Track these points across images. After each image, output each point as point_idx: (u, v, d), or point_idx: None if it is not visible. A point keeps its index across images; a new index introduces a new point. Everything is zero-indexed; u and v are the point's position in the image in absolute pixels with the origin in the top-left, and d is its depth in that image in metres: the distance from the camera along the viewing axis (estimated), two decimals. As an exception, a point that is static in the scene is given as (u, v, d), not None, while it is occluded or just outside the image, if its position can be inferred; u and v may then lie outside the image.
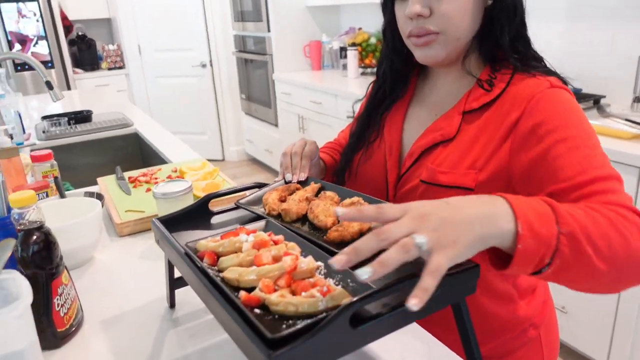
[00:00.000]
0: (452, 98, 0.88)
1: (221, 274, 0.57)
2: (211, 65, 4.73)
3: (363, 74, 3.58)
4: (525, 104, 0.76)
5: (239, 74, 4.61)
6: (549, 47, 2.50)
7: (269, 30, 3.87)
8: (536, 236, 0.55)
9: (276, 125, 4.07)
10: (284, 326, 0.48)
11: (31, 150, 1.94)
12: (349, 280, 0.56)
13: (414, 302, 0.47)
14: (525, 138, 0.76)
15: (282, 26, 3.83)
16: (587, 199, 0.67)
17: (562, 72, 0.85)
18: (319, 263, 0.58)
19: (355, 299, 0.49)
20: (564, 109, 0.75)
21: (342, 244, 0.65)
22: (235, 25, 4.43)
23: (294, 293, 0.51)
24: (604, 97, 2.21)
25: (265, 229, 0.70)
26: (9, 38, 4.18)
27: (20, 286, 0.52)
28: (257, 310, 0.51)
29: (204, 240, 0.65)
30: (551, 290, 0.99)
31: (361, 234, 0.66)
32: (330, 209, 0.74)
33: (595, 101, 2.19)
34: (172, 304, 0.85)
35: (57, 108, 2.77)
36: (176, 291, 0.85)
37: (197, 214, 0.81)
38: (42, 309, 0.74)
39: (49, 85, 1.64)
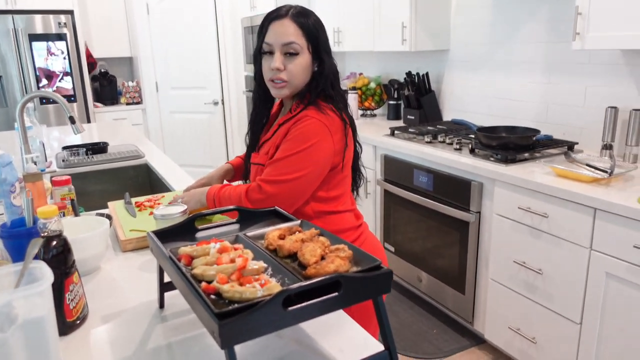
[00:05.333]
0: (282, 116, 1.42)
1: (191, 271, 0.75)
2: (223, 103, 5.01)
3: (363, 115, 3.81)
4: (294, 122, 1.30)
5: (249, 112, 4.88)
6: (531, 97, 2.72)
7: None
8: (209, 204, 1.37)
9: (281, 161, 4.29)
10: (230, 308, 0.66)
11: (51, 177, 2.17)
12: (286, 279, 0.75)
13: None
14: (284, 139, 1.30)
15: (289, 69, 4.10)
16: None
17: (543, 120, 1.22)
18: (265, 265, 0.76)
19: (285, 287, 0.67)
20: (299, 132, 1.27)
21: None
22: (247, 67, 4.73)
23: (241, 285, 0.70)
24: (577, 143, 2.39)
25: (233, 242, 0.89)
26: (37, 74, 4.52)
27: (45, 272, 0.71)
28: (212, 296, 0.69)
29: (183, 247, 0.84)
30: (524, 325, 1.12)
31: (336, 272, 0.75)
32: (317, 250, 0.82)
33: (569, 147, 2.38)
34: (161, 305, 1.03)
35: (76, 139, 3.03)
36: (165, 294, 1.03)
37: (185, 230, 1.00)
38: (56, 301, 0.92)
39: (72, 120, 1.87)
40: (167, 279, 1.01)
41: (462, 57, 3.07)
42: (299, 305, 0.68)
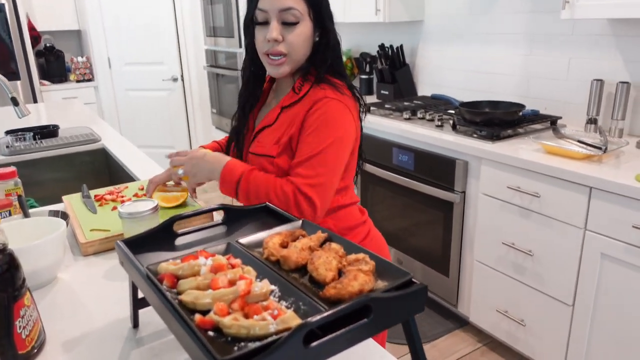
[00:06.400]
0: (282, 97, 1.21)
1: (179, 297, 0.59)
2: (182, 79, 4.73)
3: (333, 90, 3.64)
4: (310, 105, 1.11)
5: (210, 89, 4.62)
6: (512, 70, 2.62)
7: (240, 46, 3.91)
8: (224, 182, 1.14)
9: (247, 140, 4.09)
10: (236, 348, 0.51)
11: (-6, 166, 1.92)
12: (300, 303, 0.59)
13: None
14: (304, 127, 1.11)
15: (254, 42, 3.87)
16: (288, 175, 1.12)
17: (524, 94, 1.04)
18: (273, 287, 0.61)
19: (306, 320, 0.52)
20: (324, 118, 1.09)
21: (338, 303, 0.58)
22: (207, 40, 4.46)
23: (246, 316, 0.54)
24: (561, 118, 2.32)
25: (225, 253, 0.73)
26: (-27, 49, 4.09)
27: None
28: (210, 333, 0.53)
29: (164, 262, 0.67)
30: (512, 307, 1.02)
31: (362, 293, 0.61)
32: (333, 262, 0.68)
33: (552, 122, 2.30)
34: (135, 324, 0.86)
35: (22, 122, 2.73)
36: (140, 311, 0.86)
37: (162, 235, 0.83)
38: (3, 331, 0.75)
39: (15, 102, 1.63)
40: (141, 294, 0.84)
41: (438, 28, 2.94)
42: (323, 340, 0.54)
